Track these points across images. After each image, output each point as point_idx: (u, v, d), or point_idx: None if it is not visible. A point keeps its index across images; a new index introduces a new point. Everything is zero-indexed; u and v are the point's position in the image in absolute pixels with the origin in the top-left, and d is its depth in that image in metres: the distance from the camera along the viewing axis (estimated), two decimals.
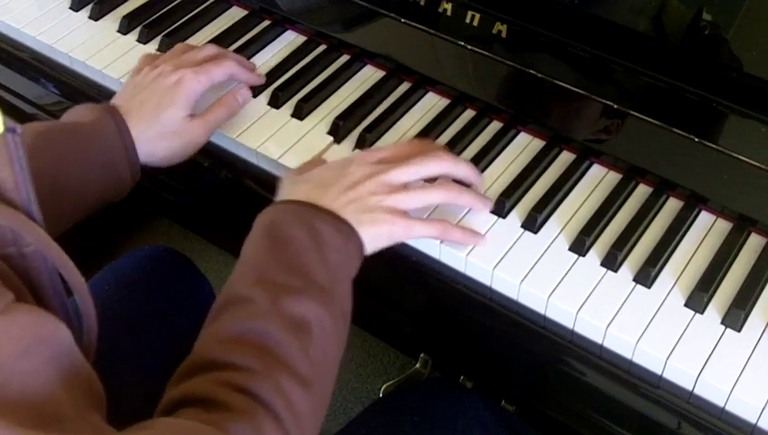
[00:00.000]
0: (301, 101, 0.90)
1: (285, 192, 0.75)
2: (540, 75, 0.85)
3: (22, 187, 0.52)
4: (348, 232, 0.70)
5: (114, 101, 0.84)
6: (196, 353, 0.61)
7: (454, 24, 0.89)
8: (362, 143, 0.86)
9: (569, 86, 0.84)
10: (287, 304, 0.62)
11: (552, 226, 0.78)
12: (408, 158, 0.76)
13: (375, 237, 0.72)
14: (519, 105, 0.88)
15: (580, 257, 0.76)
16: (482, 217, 0.79)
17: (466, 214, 0.79)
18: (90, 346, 0.58)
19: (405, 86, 0.92)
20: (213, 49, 0.90)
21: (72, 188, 0.76)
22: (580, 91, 0.83)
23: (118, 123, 0.79)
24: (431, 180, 0.78)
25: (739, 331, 0.70)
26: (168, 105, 0.82)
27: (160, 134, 0.81)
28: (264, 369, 0.58)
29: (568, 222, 0.79)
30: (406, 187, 0.74)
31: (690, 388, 0.69)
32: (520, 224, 0.79)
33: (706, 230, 0.78)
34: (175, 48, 0.90)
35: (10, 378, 0.48)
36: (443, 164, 0.76)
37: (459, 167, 0.78)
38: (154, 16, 1.01)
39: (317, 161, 0.82)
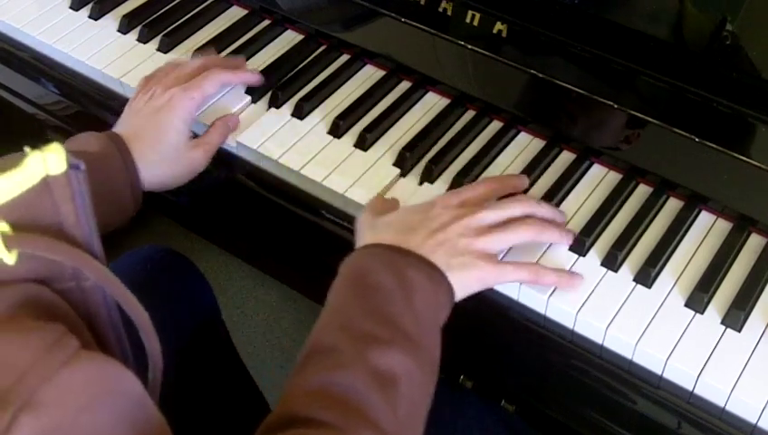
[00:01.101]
0: (301, 100, 0.90)
1: (368, 236, 0.72)
2: (540, 75, 0.85)
3: (83, 222, 0.52)
4: (438, 279, 0.67)
5: (116, 128, 0.83)
6: (281, 406, 0.59)
7: (454, 23, 0.89)
8: (362, 143, 0.86)
9: (569, 86, 0.84)
10: (374, 356, 0.60)
11: None
12: (488, 196, 0.75)
13: (465, 282, 0.70)
14: (519, 105, 0.88)
15: (581, 257, 0.76)
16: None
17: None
18: (155, 384, 0.56)
19: (405, 86, 0.92)
20: (199, 60, 0.88)
21: None
22: (581, 91, 0.83)
23: (122, 152, 0.78)
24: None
25: (739, 331, 0.70)
26: (166, 130, 0.81)
27: (162, 160, 0.81)
28: (347, 427, 0.56)
29: (568, 222, 0.79)
30: (492, 228, 0.72)
31: (690, 388, 0.69)
32: None
33: (707, 230, 0.78)
34: (162, 67, 0.89)
35: (74, 433, 0.46)
36: (526, 205, 0.75)
37: (542, 207, 0.76)
38: (154, 16, 1.01)
39: (390, 201, 0.79)
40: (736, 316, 0.70)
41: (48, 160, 0.49)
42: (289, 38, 0.99)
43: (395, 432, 0.58)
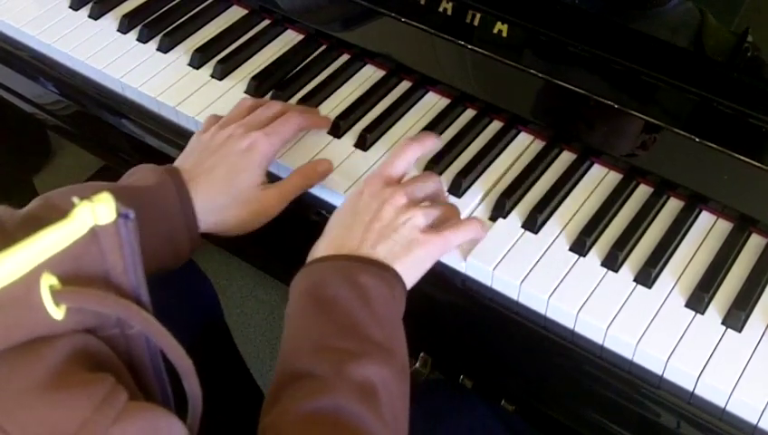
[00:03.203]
0: (301, 100, 0.90)
1: (314, 250, 0.71)
2: (540, 75, 0.85)
3: (131, 272, 0.51)
4: (390, 278, 0.67)
5: (179, 163, 0.78)
6: None
7: (454, 23, 0.89)
8: (362, 142, 0.86)
9: (569, 86, 0.84)
10: (351, 371, 0.59)
11: (553, 226, 0.78)
12: (409, 166, 0.75)
13: (414, 266, 0.69)
14: (519, 105, 0.88)
15: (581, 258, 0.76)
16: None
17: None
18: (192, 430, 0.55)
19: (405, 86, 0.92)
20: (278, 105, 0.85)
21: None
22: (581, 91, 0.83)
23: (179, 191, 0.73)
24: None
25: (740, 331, 0.70)
26: (241, 171, 0.76)
27: (231, 203, 0.76)
28: None
29: (568, 222, 0.79)
30: (421, 200, 0.72)
31: (691, 389, 0.69)
32: (520, 224, 0.78)
33: (707, 231, 0.78)
34: (240, 105, 0.84)
35: None
36: (435, 177, 0.76)
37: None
38: (154, 15, 1.01)
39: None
40: (737, 317, 0.70)
41: (97, 211, 0.48)
42: (289, 38, 0.99)
43: None
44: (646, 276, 0.74)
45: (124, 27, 0.99)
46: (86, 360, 0.49)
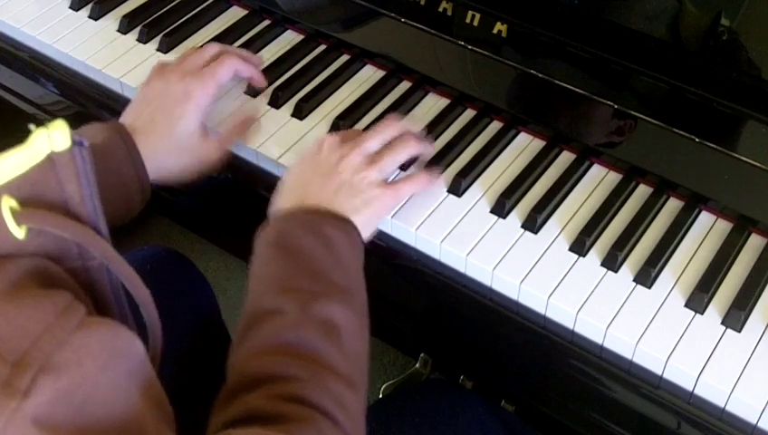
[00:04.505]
0: (301, 100, 0.90)
1: (277, 202, 0.75)
2: (540, 75, 0.85)
3: (88, 201, 0.52)
4: (350, 228, 0.71)
5: (123, 118, 0.82)
6: (236, 373, 0.60)
7: (454, 23, 0.89)
8: None
9: (569, 86, 0.84)
10: (316, 310, 0.63)
11: (553, 226, 0.78)
12: (382, 141, 0.78)
13: (371, 218, 0.74)
14: (519, 105, 0.88)
15: (581, 258, 0.76)
16: (483, 215, 0.79)
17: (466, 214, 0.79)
18: (155, 359, 0.57)
19: (405, 86, 0.92)
20: (215, 48, 0.88)
21: None
22: (581, 91, 0.83)
23: (127, 144, 0.76)
24: None
25: (739, 331, 0.70)
26: (178, 118, 0.80)
27: (172, 150, 0.80)
28: (312, 376, 0.58)
29: (568, 222, 0.79)
30: (379, 154, 0.76)
31: (690, 388, 0.69)
32: (520, 224, 0.78)
33: (707, 230, 0.78)
34: (183, 54, 0.87)
35: (94, 393, 0.47)
36: (398, 125, 0.80)
37: (410, 125, 0.82)
38: (154, 16, 1.01)
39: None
40: (736, 317, 0.70)
41: (53, 137, 0.50)
42: (289, 38, 0.99)
43: (349, 374, 0.61)
44: (645, 276, 0.74)
45: (124, 27, 1.00)
46: (46, 280, 0.51)
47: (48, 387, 0.46)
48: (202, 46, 0.89)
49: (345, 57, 0.96)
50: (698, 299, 0.72)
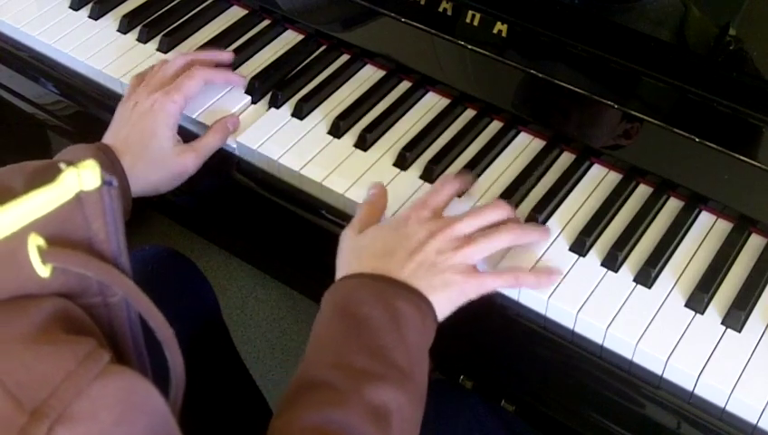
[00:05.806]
0: (301, 100, 0.90)
1: (351, 259, 0.72)
2: (540, 75, 0.85)
3: (113, 238, 0.52)
4: (426, 308, 0.67)
5: (105, 139, 0.83)
6: None
7: (454, 23, 0.89)
8: (362, 142, 0.86)
9: (569, 86, 0.84)
10: (368, 392, 0.60)
11: (553, 226, 0.78)
12: (454, 196, 0.76)
13: (448, 301, 0.70)
14: (519, 105, 0.88)
15: (581, 258, 0.76)
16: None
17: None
18: (176, 401, 0.56)
19: (405, 86, 0.92)
20: (181, 60, 0.88)
21: None
22: (581, 91, 0.83)
23: (113, 163, 0.77)
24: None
25: (739, 331, 0.70)
26: (151, 136, 0.81)
27: (149, 166, 0.80)
28: None
29: (568, 222, 0.79)
30: (469, 238, 0.72)
31: (690, 388, 0.69)
32: None
33: (707, 230, 0.78)
34: (150, 68, 0.88)
35: None
36: (501, 209, 0.75)
37: (513, 211, 0.76)
38: (154, 16, 1.01)
39: (375, 210, 0.77)
40: (737, 316, 0.70)
41: (83, 176, 0.50)
42: (289, 38, 0.99)
43: None
44: (646, 276, 0.74)
45: (124, 27, 1.00)
46: (68, 323, 0.51)
47: None
48: (168, 61, 0.89)
49: (345, 57, 0.96)
50: (698, 299, 0.72)
